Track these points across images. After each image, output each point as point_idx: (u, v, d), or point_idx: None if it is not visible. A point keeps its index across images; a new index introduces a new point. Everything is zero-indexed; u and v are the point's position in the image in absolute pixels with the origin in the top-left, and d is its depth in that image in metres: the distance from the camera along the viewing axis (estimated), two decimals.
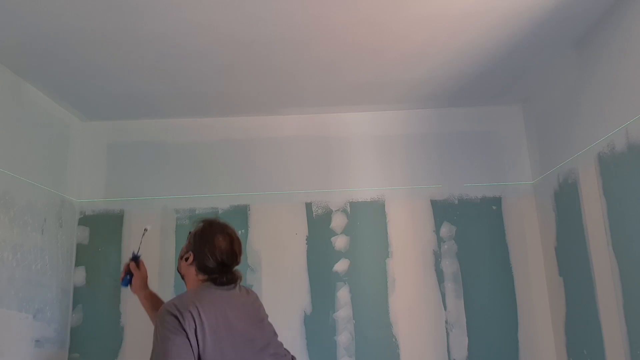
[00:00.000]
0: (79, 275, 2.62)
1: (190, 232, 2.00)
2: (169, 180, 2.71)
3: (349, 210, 2.68)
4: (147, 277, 2.27)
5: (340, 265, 2.61)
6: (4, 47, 2.01)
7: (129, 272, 2.23)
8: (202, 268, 1.91)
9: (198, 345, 1.74)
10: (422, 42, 2.09)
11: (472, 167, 2.71)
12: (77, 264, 2.63)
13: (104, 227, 2.67)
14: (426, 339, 2.53)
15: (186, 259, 1.94)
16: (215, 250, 1.90)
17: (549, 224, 2.50)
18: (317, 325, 2.55)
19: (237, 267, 1.94)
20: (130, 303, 2.57)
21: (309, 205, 2.69)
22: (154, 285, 2.58)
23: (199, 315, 1.77)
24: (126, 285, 2.26)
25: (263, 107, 2.69)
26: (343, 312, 2.56)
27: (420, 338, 2.53)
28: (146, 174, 2.72)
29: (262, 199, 2.67)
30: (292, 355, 2.00)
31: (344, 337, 2.53)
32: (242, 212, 2.67)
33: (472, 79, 2.44)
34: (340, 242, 2.64)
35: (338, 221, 2.67)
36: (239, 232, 2.61)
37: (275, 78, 2.37)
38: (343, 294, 2.58)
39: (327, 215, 2.68)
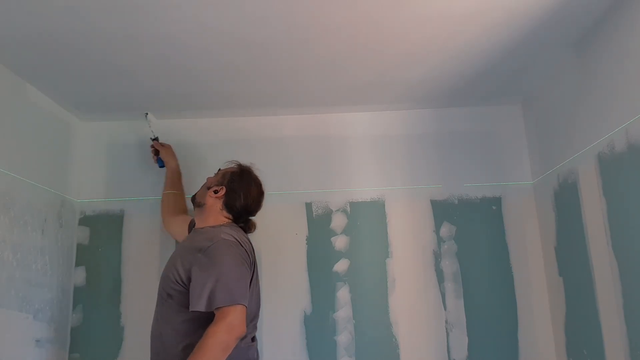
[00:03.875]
0: (79, 275, 2.62)
1: (220, 169, 2.21)
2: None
3: (349, 210, 2.68)
4: (172, 149, 2.61)
5: (340, 265, 2.61)
6: (4, 47, 2.01)
7: (157, 153, 2.60)
8: (229, 206, 2.10)
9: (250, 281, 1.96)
10: (422, 42, 2.09)
11: (472, 167, 2.71)
12: (77, 264, 2.63)
13: (104, 227, 2.67)
14: (426, 339, 2.53)
15: (215, 192, 2.11)
16: (248, 195, 2.12)
17: (549, 224, 2.50)
18: (317, 325, 2.55)
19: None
20: (131, 303, 2.57)
21: (309, 205, 2.69)
22: (153, 284, 2.58)
23: (250, 255, 2.02)
24: (162, 165, 2.59)
25: (263, 107, 2.69)
26: (343, 312, 2.56)
27: (420, 338, 2.53)
28: (146, 174, 2.72)
29: None
30: None
31: (344, 337, 2.53)
32: None
33: (472, 79, 2.44)
34: (340, 242, 2.64)
35: (338, 221, 2.67)
36: None
37: (275, 78, 2.37)
38: (343, 294, 2.58)
39: (327, 215, 2.68)
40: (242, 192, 2.11)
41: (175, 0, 1.75)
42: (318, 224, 2.66)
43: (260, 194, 2.16)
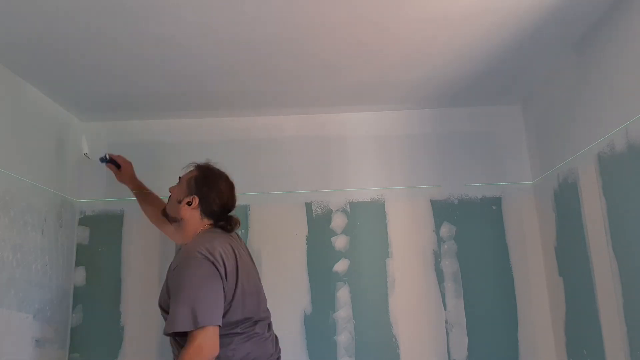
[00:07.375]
0: (79, 275, 2.62)
1: (181, 177, 2.10)
2: (169, 180, 2.69)
3: (349, 210, 2.68)
4: (132, 168, 2.53)
5: (340, 265, 2.61)
6: (4, 47, 2.01)
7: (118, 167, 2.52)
8: (207, 212, 2.00)
9: (226, 291, 1.83)
10: (422, 43, 2.09)
11: (472, 167, 2.71)
12: (77, 264, 2.63)
13: (104, 227, 2.67)
14: (426, 339, 2.53)
15: (188, 203, 2.00)
16: (222, 194, 2.02)
17: (549, 224, 2.50)
18: (317, 325, 2.54)
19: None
20: (131, 303, 2.57)
21: (309, 205, 2.69)
22: (153, 286, 2.58)
23: (226, 260, 1.85)
24: (106, 161, 2.51)
25: (263, 107, 2.69)
26: (343, 312, 2.56)
27: (420, 338, 2.53)
28: (146, 174, 2.71)
29: (262, 199, 2.67)
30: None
31: (344, 337, 2.53)
32: (242, 212, 2.66)
33: (472, 79, 2.44)
34: (340, 242, 2.64)
35: (338, 221, 2.67)
36: (239, 232, 2.63)
37: (275, 78, 2.37)
38: (343, 294, 2.58)
39: (327, 215, 2.68)
40: (214, 194, 2.00)
41: (174, 1, 1.75)
42: (318, 224, 2.66)
43: (231, 187, 2.07)
